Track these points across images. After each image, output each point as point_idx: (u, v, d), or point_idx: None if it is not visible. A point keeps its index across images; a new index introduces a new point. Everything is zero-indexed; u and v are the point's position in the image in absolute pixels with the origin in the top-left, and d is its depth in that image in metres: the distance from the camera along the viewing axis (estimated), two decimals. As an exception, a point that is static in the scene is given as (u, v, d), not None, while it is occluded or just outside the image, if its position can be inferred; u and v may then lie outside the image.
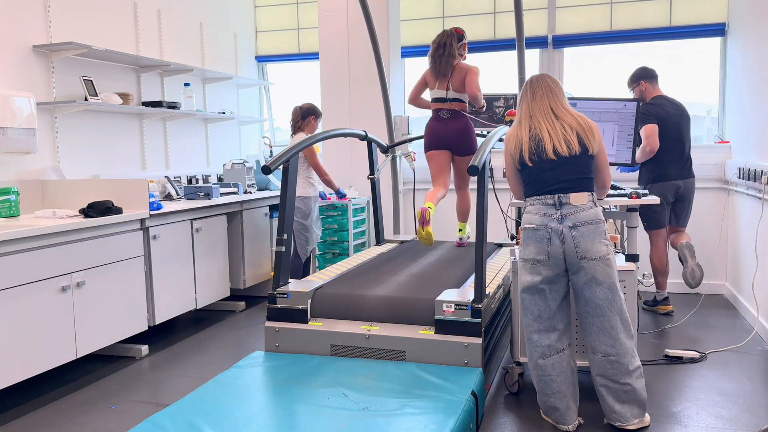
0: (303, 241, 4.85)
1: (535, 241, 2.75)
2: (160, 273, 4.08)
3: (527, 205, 2.84)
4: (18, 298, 3.08)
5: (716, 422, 2.88)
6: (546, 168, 2.77)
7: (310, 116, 4.88)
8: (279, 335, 3.24)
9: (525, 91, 2.93)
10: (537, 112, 2.84)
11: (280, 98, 6.75)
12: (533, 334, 2.81)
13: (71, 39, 4.24)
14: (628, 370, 2.71)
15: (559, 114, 2.83)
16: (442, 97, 4.10)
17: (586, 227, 2.70)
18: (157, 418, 2.42)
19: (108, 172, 4.60)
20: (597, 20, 5.53)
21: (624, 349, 2.71)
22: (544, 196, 2.76)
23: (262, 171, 3.32)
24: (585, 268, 2.70)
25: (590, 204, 2.74)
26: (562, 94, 2.92)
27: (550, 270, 2.74)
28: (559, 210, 2.73)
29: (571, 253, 2.70)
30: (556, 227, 2.72)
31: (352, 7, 5.51)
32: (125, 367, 3.78)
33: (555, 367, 2.78)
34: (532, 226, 2.77)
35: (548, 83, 2.90)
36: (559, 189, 2.74)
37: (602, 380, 2.76)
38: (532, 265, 2.77)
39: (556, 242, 2.71)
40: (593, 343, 2.76)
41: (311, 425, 2.35)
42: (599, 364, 2.75)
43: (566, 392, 2.79)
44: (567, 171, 2.75)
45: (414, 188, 5.20)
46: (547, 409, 2.83)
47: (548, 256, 2.73)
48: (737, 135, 4.96)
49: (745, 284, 4.54)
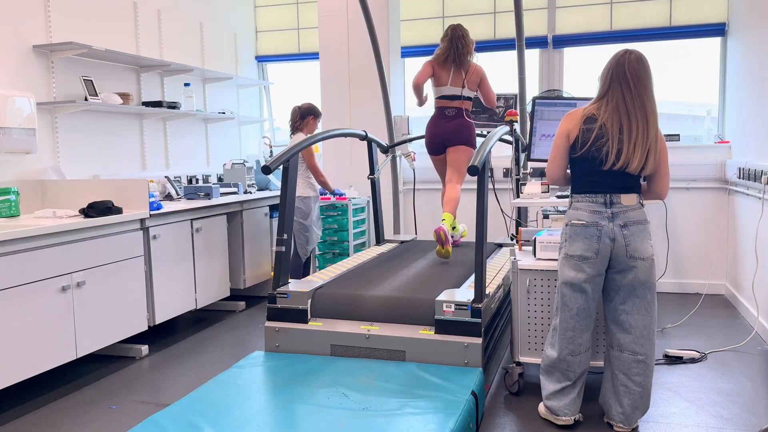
0: (303, 241, 4.85)
1: (585, 237, 2.70)
2: (160, 273, 4.08)
3: (574, 201, 2.79)
4: (18, 298, 3.08)
5: (716, 422, 2.88)
6: (604, 172, 2.69)
7: (309, 116, 4.88)
8: (279, 335, 3.24)
9: (622, 75, 2.67)
10: (628, 110, 2.65)
11: (280, 98, 6.75)
12: (569, 330, 2.78)
13: (71, 39, 4.24)
14: (651, 371, 2.75)
15: (641, 122, 2.64)
16: (455, 94, 4.11)
17: (636, 226, 2.69)
18: (157, 418, 2.42)
19: (108, 172, 4.60)
20: (597, 20, 5.53)
21: (653, 350, 2.76)
22: (595, 195, 2.72)
23: (262, 171, 3.32)
24: (633, 267, 2.69)
25: (638, 204, 2.73)
26: (653, 90, 2.70)
27: (594, 268, 2.71)
28: (609, 209, 2.70)
29: (620, 252, 2.68)
30: (606, 225, 2.68)
31: (352, 7, 5.51)
32: (125, 367, 3.78)
33: (581, 364, 2.80)
34: (582, 222, 2.72)
35: (646, 79, 2.67)
36: (611, 190, 2.71)
37: (624, 379, 2.75)
38: (577, 262, 2.72)
39: (606, 240, 2.68)
40: (623, 340, 2.75)
41: (311, 425, 2.35)
42: (624, 362, 2.75)
43: (579, 387, 2.83)
44: (622, 179, 2.70)
45: (414, 188, 5.20)
46: (555, 398, 2.81)
47: (596, 254, 2.69)
48: (737, 135, 4.96)
49: (745, 284, 4.54)
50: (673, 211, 5.25)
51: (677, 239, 5.27)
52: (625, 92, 2.65)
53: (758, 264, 4.15)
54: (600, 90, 2.73)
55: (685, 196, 5.25)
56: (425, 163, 5.03)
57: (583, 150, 2.70)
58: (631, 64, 2.67)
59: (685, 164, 5.19)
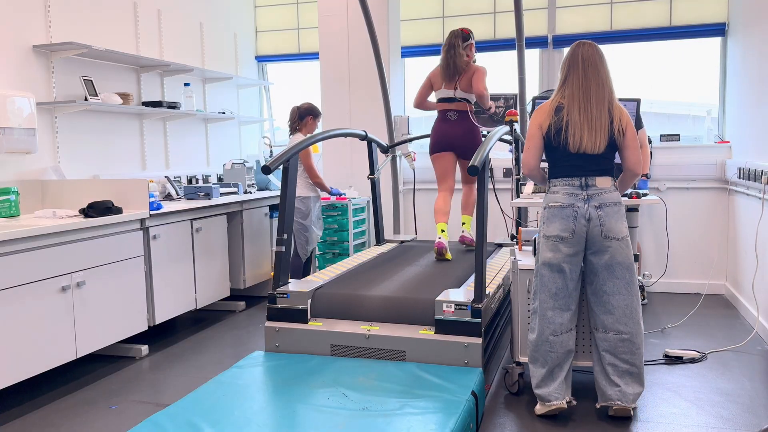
0: (303, 241, 4.85)
1: (561, 218, 2.82)
2: (160, 273, 4.08)
3: (551, 185, 2.90)
4: (18, 298, 3.08)
5: (716, 422, 2.88)
6: (575, 156, 2.83)
7: (308, 116, 4.88)
8: (279, 335, 3.24)
9: (575, 63, 2.86)
10: (581, 96, 2.82)
11: (280, 98, 6.75)
12: (548, 310, 2.86)
13: (71, 39, 4.24)
14: (639, 349, 2.81)
15: (597, 103, 2.81)
16: (449, 96, 4.10)
17: (610, 207, 2.81)
18: (157, 418, 2.42)
19: (108, 172, 4.60)
20: (597, 20, 5.53)
21: (638, 328, 2.82)
22: (571, 178, 2.84)
23: (262, 171, 3.32)
24: (609, 247, 2.79)
25: (613, 188, 2.86)
26: (606, 71, 2.86)
27: (571, 248, 2.81)
28: (585, 191, 2.82)
29: (596, 232, 2.79)
30: (582, 206, 2.80)
31: (352, 7, 5.51)
32: (125, 367, 3.78)
33: (563, 344, 2.85)
34: (559, 204, 2.83)
35: (596, 61, 2.84)
36: (585, 173, 2.83)
37: (611, 358, 2.82)
38: (554, 242, 2.83)
39: (582, 221, 2.79)
40: (607, 321, 2.83)
41: (311, 425, 2.35)
42: (610, 342, 2.82)
43: (566, 370, 2.86)
44: (594, 161, 2.83)
45: (414, 188, 5.20)
46: (545, 383, 2.85)
47: (572, 234, 2.80)
48: (737, 135, 4.96)
49: (745, 284, 4.54)
50: (673, 211, 5.25)
51: (677, 239, 5.27)
52: (579, 77, 2.84)
53: (758, 264, 4.15)
54: (560, 80, 2.91)
55: (685, 196, 5.25)
56: (425, 163, 5.03)
57: (556, 138, 2.84)
58: (585, 51, 2.85)
59: (685, 164, 5.20)
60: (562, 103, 2.85)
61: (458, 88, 4.07)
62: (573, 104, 2.83)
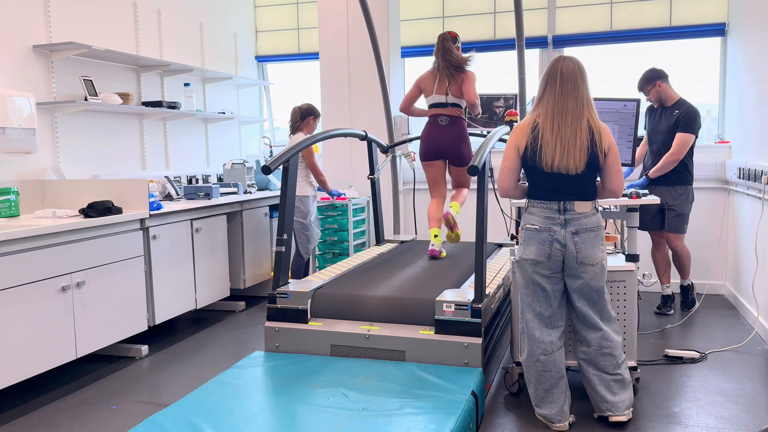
0: (304, 240, 4.86)
1: (537, 242, 2.78)
2: (160, 273, 4.08)
3: (529, 206, 2.85)
4: (18, 298, 3.08)
5: (716, 422, 2.88)
6: (552, 177, 2.74)
7: (308, 116, 4.90)
8: (279, 335, 3.24)
9: (553, 78, 2.74)
10: (555, 113, 2.71)
11: (280, 98, 6.75)
12: (535, 330, 2.84)
13: (71, 39, 4.24)
14: (619, 361, 2.82)
15: (573, 121, 2.69)
16: (441, 102, 4.08)
17: (587, 233, 2.75)
18: (157, 418, 2.42)
19: (108, 172, 4.60)
20: (597, 20, 5.53)
21: (616, 342, 2.82)
22: (549, 201, 2.78)
23: (262, 171, 3.32)
24: (583, 273, 2.76)
25: (593, 211, 2.79)
26: (586, 89, 2.75)
27: (548, 270, 2.79)
28: (563, 215, 2.76)
29: (571, 258, 2.75)
30: (558, 231, 2.75)
31: (352, 7, 5.51)
32: (125, 367, 3.78)
33: (556, 363, 2.82)
34: (535, 227, 2.79)
35: (576, 78, 2.73)
36: (564, 197, 2.76)
37: (595, 370, 2.83)
38: (531, 266, 2.81)
39: (557, 246, 2.75)
40: (588, 336, 2.84)
41: (311, 425, 2.35)
42: (592, 356, 2.83)
43: (563, 388, 2.83)
44: (573, 184, 2.75)
45: (414, 188, 5.20)
46: (544, 405, 2.84)
47: (548, 258, 2.77)
48: (737, 135, 4.96)
49: (745, 284, 4.54)
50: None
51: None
52: (555, 94, 2.73)
53: (758, 264, 4.15)
54: (537, 97, 2.80)
55: (685, 196, 5.24)
56: (425, 163, 5.02)
57: (533, 158, 2.74)
58: (565, 66, 2.75)
59: (685, 164, 5.19)
60: (537, 121, 2.74)
61: (449, 94, 4.06)
62: (546, 122, 2.71)
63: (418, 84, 4.20)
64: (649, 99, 4.55)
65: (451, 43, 4.05)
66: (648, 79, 4.51)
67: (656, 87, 4.47)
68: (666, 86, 4.48)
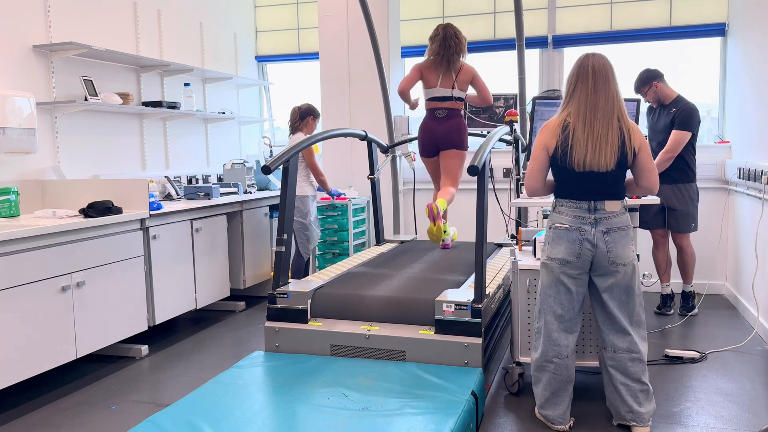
0: (304, 240, 4.86)
1: (567, 241, 2.71)
2: (160, 273, 4.08)
3: (558, 205, 2.79)
4: (18, 298, 3.08)
5: (716, 422, 2.88)
6: (583, 176, 2.69)
7: (308, 116, 4.90)
8: (279, 335, 3.24)
9: (585, 75, 2.69)
10: (587, 111, 2.65)
11: (280, 98, 6.75)
12: (554, 332, 2.78)
13: (71, 39, 4.24)
14: (645, 368, 2.76)
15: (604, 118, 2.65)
16: (446, 95, 4.07)
17: (618, 233, 2.70)
18: (157, 418, 2.42)
19: (108, 172, 4.60)
20: (597, 20, 5.53)
21: (645, 348, 2.77)
22: (579, 201, 2.72)
23: (262, 171, 3.32)
24: (615, 272, 2.70)
25: (622, 210, 2.74)
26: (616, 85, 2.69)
27: (577, 271, 2.73)
28: (593, 214, 2.71)
29: (602, 258, 2.69)
30: (589, 230, 2.69)
31: (352, 7, 5.51)
32: (125, 367, 3.78)
33: (568, 367, 2.79)
34: (565, 226, 2.72)
35: (608, 74, 2.68)
36: (594, 196, 2.71)
37: (623, 378, 2.75)
38: (559, 265, 2.74)
39: (587, 245, 2.69)
40: (616, 341, 2.76)
41: (311, 425, 2.35)
42: (621, 362, 2.75)
43: (570, 392, 2.82)
44: (603, 183, 2.69)
45: (414, 188, 5.20)
46: (549, 406, 2.81)
47: (578, 258, 2.70)
48: (737, 135, 4.96)
49: (745, 284, 4.54)
50: (673, 211, 5.24)
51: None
52: (587, 90, 2.67)
53: (758, 264, 4.15)
54: (565, 95, 2.75)
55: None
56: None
57: (563, 158, 2.69)
58: (596, 62, 2.70)
59: (685, 164, 5.19)
60: (568, 120, 2.68)
61: (456, 87, 4.06)
62: (577, 120, 2.66)
63: (420, 70, 4.14)
64: (647, 100, 4.55)
65: (458, 30, 4.05)
66: (643, 80, 4.51)
67: (653, 88, 4.47)
68: (662, 85, 4.48)
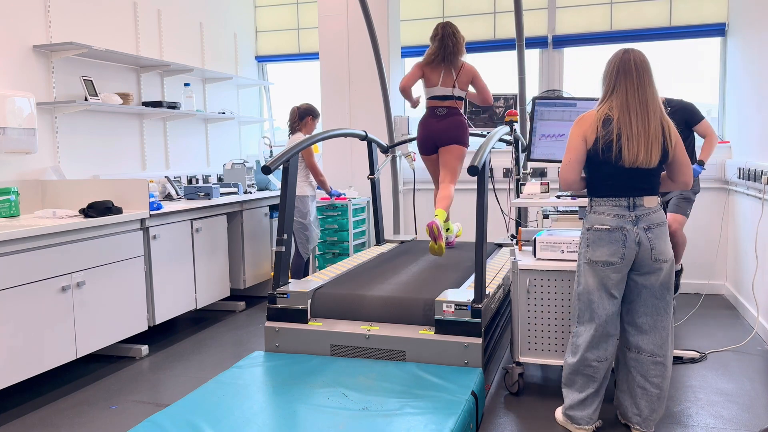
0: (304, 240, 4.86)
1: (609, 242, 2.64)
2: (160, 273, 4.08)
3: (595, 205, 2.72)
4: (18, 298, 3.08)
5: (716, 422, 2.88)
6: (626, 172, 2.63)
7: (307, 116, 4.90)
8: (279, 335, 3.24)
9: (628, 69, 2.63)
10: (637, 106, 2.60)
11: (280, 98, 6.75)
12: (596, 338, 2.71)
13: (71, 39, 4.24)
14: (669, 372, 2.72)
15: (653, 114, 2.60)
16: (447, 94, 4.07)
17: (658, 228, 2.65)
18: (157, 418, 2.43)
19: (108, 172, 4.60)
20: (597, 20, 5.53)
21: (671, 352, 2.73)
22: (618, 198, 2.66)
23: (262, 171, 3.32)
24: (659, 269, 2.65)
25: (658, 206, 2.70)
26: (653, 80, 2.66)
27: (619, 272, 2.66)
28: (633, 212, 2.64)
29: (646, 255, 2.63)
30: (631, 229, 2.63)
31: (352, 7, 5.51)
32: (125, 367, 3.78)
33: (606, 370, 2.75)
34: (607, 227, 2.65)
35: (650, 69, 2.64)
36: (634, 192, 2.65)
37: (642, 381, 2.72)
38: (602, 268, 2.66)
39: (632, 245, 2.62)
40: (641, 342, 2.72)
41: (311, 425, 2.35)
42: (643, 364, 2.71)
43: (602, 393, 2.77)
44: (644, 179, 2.65)
45: (414, 188, 5.20)
46: (579, 407, 2.75)
47: (622, 259, 2.63)
48: (737, 135, 4.96)
49: (745, 284, 4.54)
50: (673, 211, 5.24)
51: (677, 239, 5.26)
52: (633, 85, 2.61)
53: (758, 264, 4.15)
54: (606, 89, 2.68)
55: (685, 196, 5.23)
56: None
57: (604, 153, 2.61)
58: (637, 57, 2.65)
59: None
60: (611, 115, 2.60)
61: (456, 86, 4.06)
62: (628, 115, 2.58)
63: (422, 68, 4.13)
64: None
65: (456, 29, 4.05)
66: None
67: None
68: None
